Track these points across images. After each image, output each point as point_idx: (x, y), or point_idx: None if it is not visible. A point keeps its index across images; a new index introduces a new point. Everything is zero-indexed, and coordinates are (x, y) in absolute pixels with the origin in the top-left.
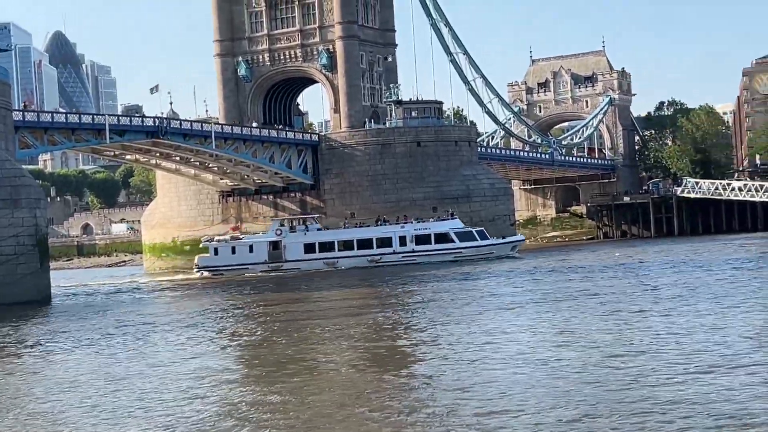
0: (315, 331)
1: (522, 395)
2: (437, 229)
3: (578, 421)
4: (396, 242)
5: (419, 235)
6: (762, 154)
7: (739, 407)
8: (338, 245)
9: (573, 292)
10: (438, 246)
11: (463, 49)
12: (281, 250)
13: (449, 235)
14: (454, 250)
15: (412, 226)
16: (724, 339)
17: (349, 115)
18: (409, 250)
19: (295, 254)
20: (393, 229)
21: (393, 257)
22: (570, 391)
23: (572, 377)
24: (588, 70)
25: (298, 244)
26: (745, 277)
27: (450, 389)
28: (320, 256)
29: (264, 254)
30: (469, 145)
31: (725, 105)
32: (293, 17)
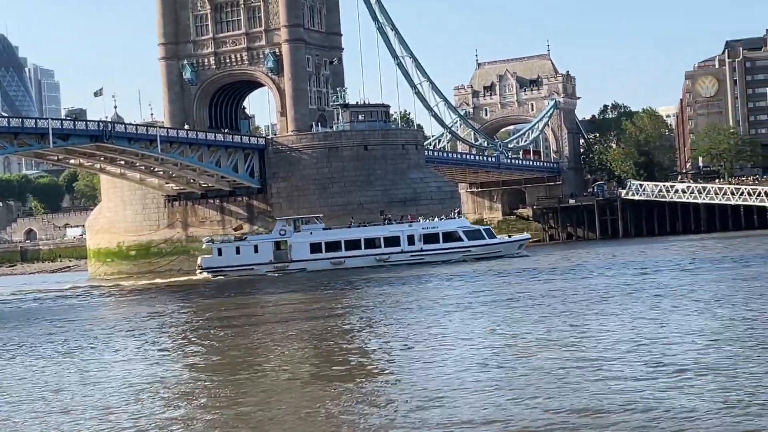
0: (266, 336)
1: (468, 395)
2: (445, 227)
3: (527, 418)
4: (404, 241)
5: (427, 234)
6: (704, 156)
7: (682, 407)
8: (345, 245)
9: (535, 293)
10: (447, 245)
11: (409, 52)
12: (287, 249)
13: (458, 233)
14: (462, 249)
15: (420, 225)
16: (669, 339)
17: (295, 118)
18: (418, 249)
19: (301, 254)
20: (401, 228)
21: (401, 256)
22: (517, 390)
23: (519, 378)
24: (533, 74)
25: (303, 244)
26: (691, 279)
27: (401, 391)
28: (326, 256)
29: (269, 254)
30: (416, 149)
31: (668, 108)
32: (238, 20)
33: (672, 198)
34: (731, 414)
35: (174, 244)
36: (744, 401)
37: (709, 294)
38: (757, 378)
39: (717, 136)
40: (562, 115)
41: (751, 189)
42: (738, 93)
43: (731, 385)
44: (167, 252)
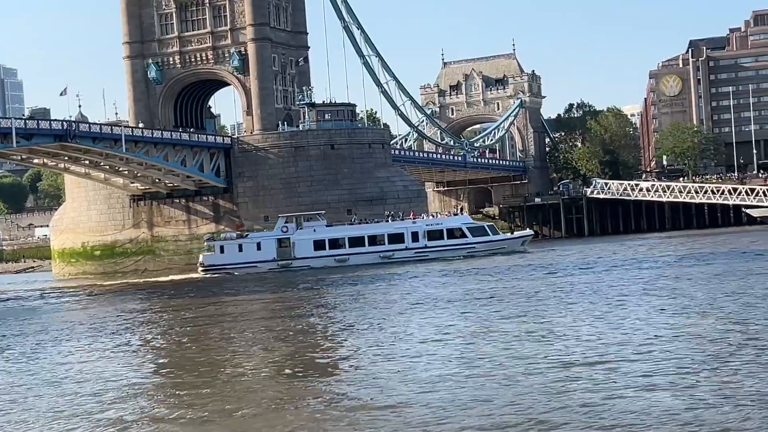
0: (232, 336)
1: (432, 393)
2: (449, 224)
3: (489, 416)
4: (408, 238)
5: (431, 230)
6: (669, 155)
7: (642, 404)
8: (348, 242)
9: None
10: (451, 241)
11: (375, 51)
12: (290, 247)
13: (462, 230)
14: (467, 246)
15: (424, 222)
16: (627, 338)
17: (261, 117)
18: (422, 245)
19: (304, 251)
20: (405, 224)
21: (405, 253)
22: (480, 390)
23: (484, 377)
24: (499, 73)
25: (307, 241)
26: (659, 277)
27: (366, 390)
28: (330, 253)
29: (273, 251)
30: (382, 148)
31: (633, 107)
32: (204, 19)
33: (637, 196)
34: (697, 413)
35: (139, 244)
36: (705, 399)
37: (672, 292)
38: (717, 375)
39: (681, 135)
40: (527, 114)
41: (715, 187)
42: (701, 92)
43: (693, 383)
44: (132, 252)
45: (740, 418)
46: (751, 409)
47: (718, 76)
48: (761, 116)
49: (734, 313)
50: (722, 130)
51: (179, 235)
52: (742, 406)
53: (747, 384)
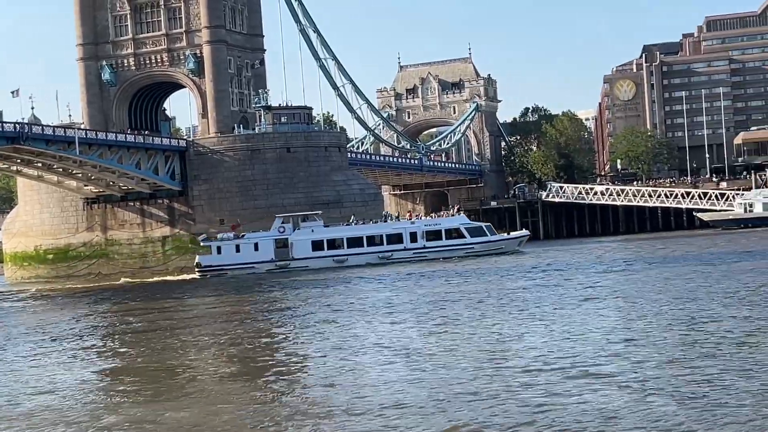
0: (186, 339)
1: (387, 395)
2: (448, 224)
3: (445, 416)
4: (407, 238)
5: (430, 230)
6: (623, 159)
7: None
8: (347, 242)
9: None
10: (449, 242)
11: (331, 54)
12: (288, 247)
13: (460, 230)
14: (465, 246)
15: (423, 222)
16: (582, 340)
17: (217, 120)
18: (420, 246)
19: (302, 252)
20: (403, 225)
21: (404, 253)
22: (437, 392)
23: (439, 380)
24: (455, 77)
25: (305, 241)
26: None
27: (322, 393)
28: (329, 254)
29: (270, 252)
30: (339, 151)
31: (587, 111)
32: (159, 21)
33: (591, 200)
34: (648, 413)
35: (93, 248)
36: (655, 400)
37: (620, 295)
38: (667, 377)
39: (635, 139)
40: (483, 117)
41: (668, 191)
42: (655, 96)
43: (645, 385)
44: (86, 255)
45: (693, 418)
46: (703, 408)
47: (671, 81)
48: (714, 121)
49: (683, 315)
50: (675, 134)
51: (133, 239)
52: (693, 405)
53: (696, 383)
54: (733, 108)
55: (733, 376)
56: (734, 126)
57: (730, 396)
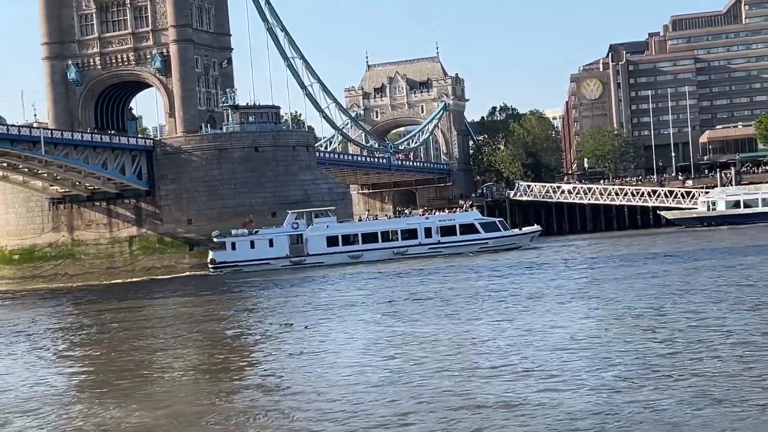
0: (154, 340)
1: (353, 397)
2: (462, 220)
3: (406, 420)
4: (421, 234)
5: (444, 226)
6: (590, 157)
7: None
8: (362, 238)
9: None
10: (464, 237)
11: (299, 54)
12: (303, 243)
13: (474, 225)
14: (480, 241)
15: (437, 218)
16: (541, 341)
17: (184, 119)
18: (435, 241)
19: (317, 247)
20: (418, 220)
21: (419, 249)
22: (396, 393)
23: (399, 381)
24: (423, 76)
25: (320, 237)
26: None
27: (288, 393)
28: (343, 249)
29: (285, 248)
30: (307, 150)
31: (554, 110)
32: (125, 20)
33: (558, 198)
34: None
35: (59, 248)
36: (615, 399)
37: (584, 294)
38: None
39: (601, 138)
40: (451, 116)
41: (635, 189)
42: (621, 96)
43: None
44: (52, 256)
45: (650, 418)
46: (661, 408)
47: (637, 80)
48: (679, 119)
49: (645, 314)
50: (642, 133)
51: (100, 239)
52: (651, 404)
53: (654, 383)
54: (699, 107)
55: (698, 377)
56: (700, 125)
57: (695, 394)
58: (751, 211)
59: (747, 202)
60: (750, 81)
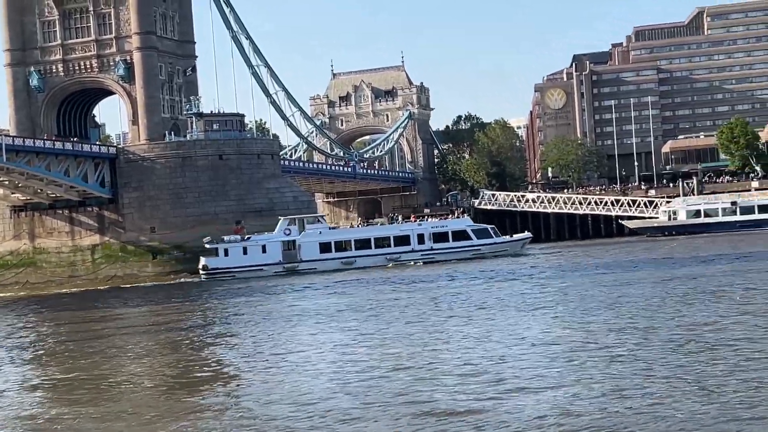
0: (116, 350)
1: (317, 405)
2: (454, 226)
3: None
4: (414, 240)
5: (437, 232)
6: (553, 167)
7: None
8: (355, 244)
9: (381, 303)
10: (456, 243)
11: (264, 61)
12: (296, 249)
13: (467, 232)
14: (472, 248)
15: (429, 224)
16: (506, 349)
17: (148, 127)
18: (428, 248)
19: (310, 254)
20: (411, 227)
21: (412, 255)
22: (360, 400)
23: (364, 388)
24: (388, 85)
25: (313, 243)
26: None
27: (252, 402)
28: (336, 256)
29: (278, 254)
30: (272, 158)
31: (519, 119)
32: (88, 27)
33: (523, 207)
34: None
35: (20, 256)
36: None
37: (559, 303)
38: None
39: (565, 147)
40: (416, 125)
41: (598, 199)
42: (585, 105)
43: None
44: (13, 264)
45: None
46: (617, 413)
47: (600, 89)
48: (642, 129)
49: (601, 322)
50: (605, 142)
51: (62, 247)
52: (607, 410)
53: (610, 390)
54: (661, 117)
55: (655, 383)
56: (662, 134)
57: (649, 400)
58: (712, 221)
59: (707, 211)
60: (712, 92)
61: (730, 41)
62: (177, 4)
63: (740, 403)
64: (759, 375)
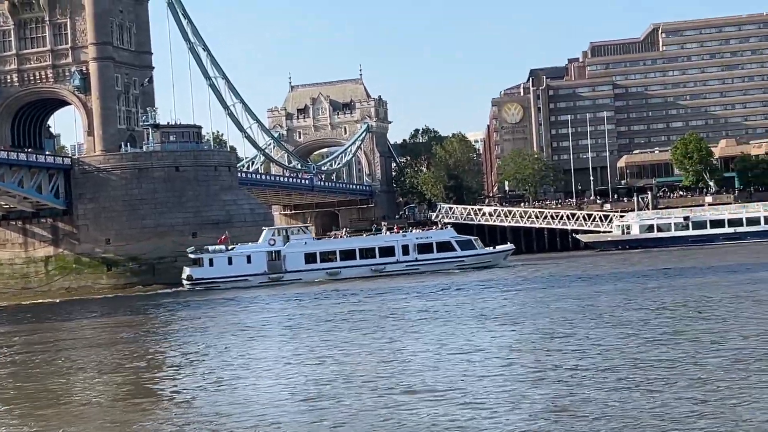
0: (68, 363)
1: (270, 417)
2: (439, 237)
3: None
4: (399, 251)
5: (422, 243)
6: (510, 180)
7: None
8: (340, 255)
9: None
10: (440, 254)
11: (222, 73)
12: (281, 260)
13: (451, 243)
14: (456, 259)
15: (414, 235)
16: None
17: (104, 138)
18: (412, 258)
19: (295, 264)
20: (395, 237)
21: (396, 266)
22: (313, 411)
23: (318, 400)
24: (346, 98)
25: (298, 254)
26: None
27: (204, 416)
28: (322, 266)
29: (263, 265)
30: (229, 170)
31: (476, 133)
32: (44, 37)
33: (480, 221)
34: None
35: None
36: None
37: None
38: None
39: (522, 161)
40: (374, 138)
41: (554, 212)
42: (542, 120)
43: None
44: None
45: None
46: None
47: (557, 104)
48: (598, 144)
49: (550, 335)
50: (561, 157)
51: (15, 259)
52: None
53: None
54: (617, 132)
55: (602, 394)
56: (617, 149)
57: (599, 412)
58: (664, 235)
59: (660, 226)
60: (666, 107)
61: (684, 58)
62: (134, 15)
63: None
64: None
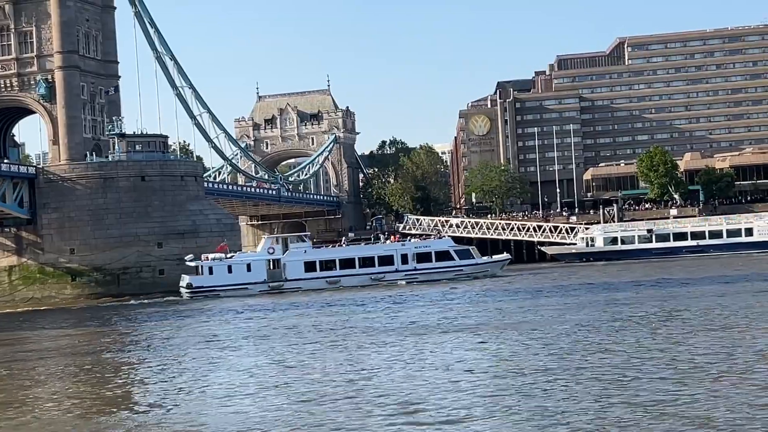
0: (31, 373)
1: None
2: (437, 247)
3: None
4: (398, 260)
5: (420, 253)
6: (477, 192)
7: None
8: (339, 263)
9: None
10: (439, 264)
11: (189, 83)
12: (281, 268)
13: (449, 252)
14: (454, 268)
15: (413, 244)
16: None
17: (69, 147)
18: (411, 267)
19: (295, 273)
20: (394, 246)
21: (395, 275)
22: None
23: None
24: (314, 108)
25: (298, 263)
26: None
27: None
28: (322, 275)
29: (263, 273)
30: (195, 180)
31: (444, 145)
32: (9, 45)
33: (447, 232)
34: None
35: None
36: None
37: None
38: None
39: (489, 173)
40: (342, 149)
41: (521, 224)
42: (509, 132)
43: None
44: None
45: None
46: None
47: (524, 117)
48: (564, 156)
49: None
50: (528, 169)
51: None
52: None
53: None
54: (583, 144)
55: (572, 403)
56: (584, 162)
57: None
58: (628, 248)
59: (624, 238)
60: (632, 120)
61: (650, 71)
62: (100, 24)
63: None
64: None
